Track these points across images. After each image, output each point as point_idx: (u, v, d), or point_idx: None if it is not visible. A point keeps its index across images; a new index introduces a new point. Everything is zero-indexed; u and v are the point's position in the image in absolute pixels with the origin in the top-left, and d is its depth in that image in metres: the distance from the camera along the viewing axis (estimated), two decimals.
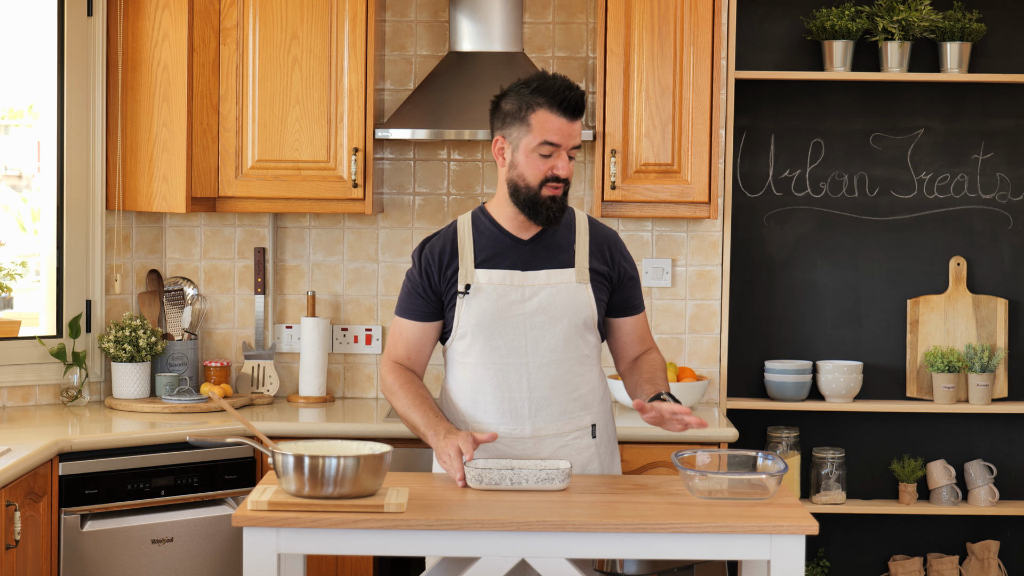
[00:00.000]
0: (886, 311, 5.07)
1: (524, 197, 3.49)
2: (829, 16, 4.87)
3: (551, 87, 3.46)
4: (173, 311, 4.94)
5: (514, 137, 3.49)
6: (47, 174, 4.77)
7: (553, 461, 3.45)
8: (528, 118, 3.46)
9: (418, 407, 3.56)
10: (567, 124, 3.45)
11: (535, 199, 3.48)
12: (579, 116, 3.47)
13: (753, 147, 5.06)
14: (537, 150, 3.46)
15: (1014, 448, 5.10)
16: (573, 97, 3.45)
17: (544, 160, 3.46)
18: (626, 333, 3.69)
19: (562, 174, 3.46)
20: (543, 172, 3.47)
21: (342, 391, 5.06)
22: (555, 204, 3.49)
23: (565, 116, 3.45)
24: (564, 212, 3.54)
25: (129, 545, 4.18)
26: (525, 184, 3.48)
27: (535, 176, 3.47)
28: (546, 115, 3.44)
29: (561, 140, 3.45)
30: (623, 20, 4.65)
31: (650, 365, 3.66)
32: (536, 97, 3.45)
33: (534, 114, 3.45)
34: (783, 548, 3.15)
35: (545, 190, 3.47)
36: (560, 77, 3.49)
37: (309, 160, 4.69)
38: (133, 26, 4.69)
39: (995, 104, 5.04)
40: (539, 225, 3.53)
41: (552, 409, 3.58)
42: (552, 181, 3.47)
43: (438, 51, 4.99)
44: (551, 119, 3.44)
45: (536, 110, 3.45)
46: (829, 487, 4.97)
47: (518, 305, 3.55)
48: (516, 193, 3.51)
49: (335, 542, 3.16)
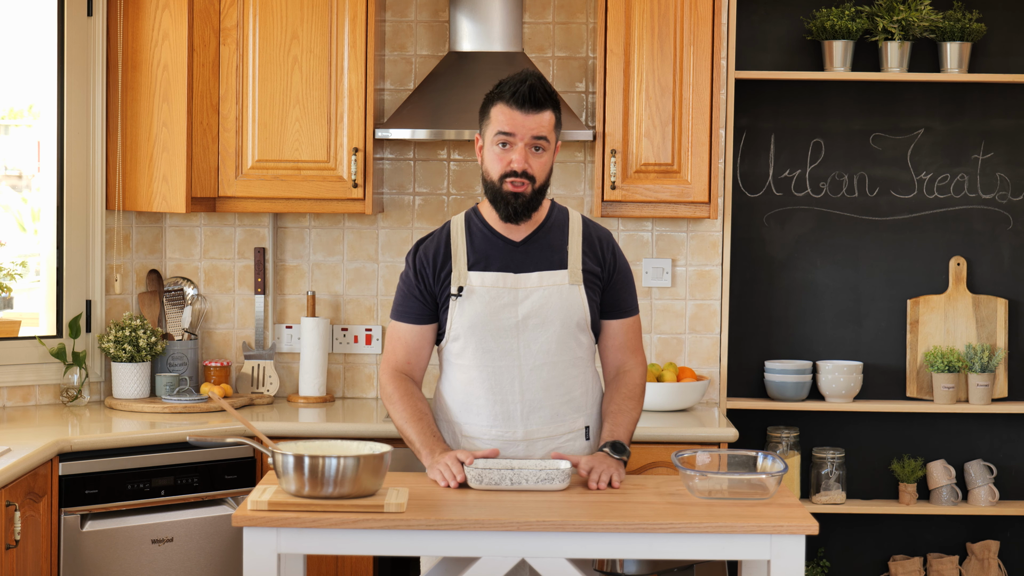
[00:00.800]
0: (886, 311, 5.07)
1: (490, 192, 3.55)
2: (829, 16, 4.87)
3: (508, 81, 3.54)
4: (173, 311, 4.94)
5: (483, 133, 3.57)
6: (47, 174, 4.77)
7: (553, 461, 3.46)
8: (489, 111, 3.54)
9: (416, 422, 3.57)
10: (521, 115, 3.49)
11: (498, 193, 3.53)
12: (535, 108, 3.50)
13: (753, 147, 5.06)
14: (494, 141, 3.52)
15: (1014, 448, 5.10)
16: (523, 88, 3.49)
17: (502, 152, 3.51)
18: (611, 337, 3.67)
19: (516, 167, 3.49)
20: (502, 166, 3.51)
21: (342, 391, 5.06)
22: (517, 200, 3.52)
23: (518, 107, 3.49)
24: (531, 209, 3.55)
25: (129, 545, 4.18)
26: (489, 179, 3.54)
27: (495, 169, 3.52)
28: (501, 107, 3.51)
29: (513, 129, 3.49)
30: (623, 20, 4.65)
31: (624, 393, 3.65)
32: (497, 91, 3.54)
33: (493, 107, 3.53)
34: (783, 548, 3.15)
35: (506, 185, 3.51)
36: (526, 72, 3.54)
37: (309, 160, 4.69)
38: (133, 26, 4.69)
39: (995, 104, 5.04)
40: (503, 220, 3.56)
41: (544, 412, 3.58)
42: (510, 175, 3.50)
43: (438, 51, 4.99)
44: (504, 110, 3.50)
45: (495, 103, 3.53)
46: (829, 487, 4.97)
47: (510, 308, 3.55)
48: (486, 188, 3.56)
49: (335, 542, 3.16)
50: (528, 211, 3.54)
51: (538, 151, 3.52)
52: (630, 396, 3.64)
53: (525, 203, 3.52)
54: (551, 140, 3.54)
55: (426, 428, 3.55)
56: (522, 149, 3.50)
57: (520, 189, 3.51)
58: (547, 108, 3.52)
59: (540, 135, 3.51)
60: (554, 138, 3.55)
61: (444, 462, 3.45)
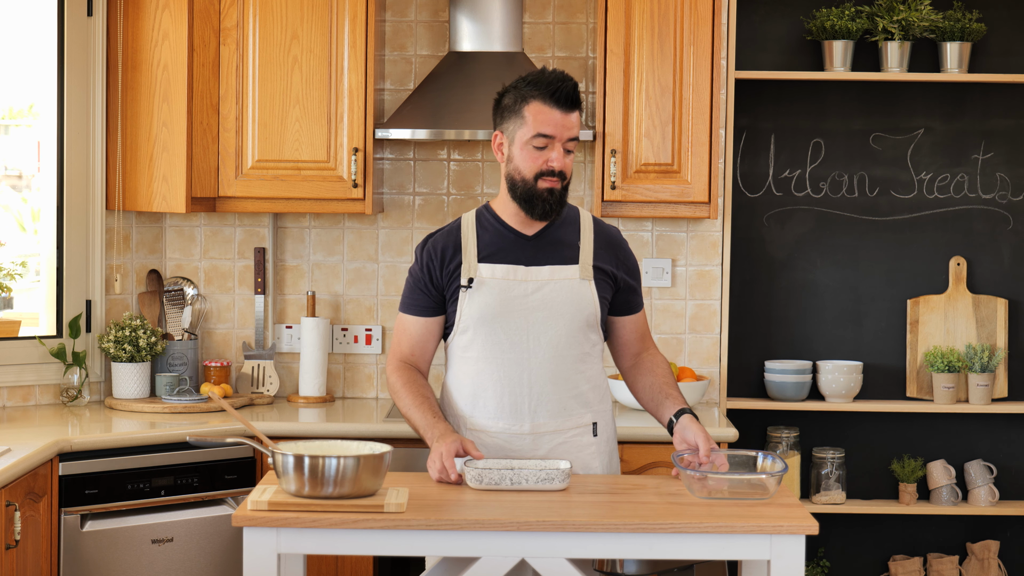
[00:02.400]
0: (886, 311, 5.07)
1: (521, 191, 3.51)
2: (829, 16, 4.87)
3: (544, 79, 3.49)
4: (173, 311, 4.94)
5: (510, 131, 3.51)
6: (47, 174, 4.77)
7: (553, 461, 3.45)
8: (523, 111, 3.48)
9: (419, 407, 3.56)
10: (561, 115, 3.47)
11: (531, 192, 3.49)
12: (574, 108, 3.49)
13: (753, 147, 5.06)
14: (531, 142, 3.47)
15: (1014, 448, 5.10)
16: (566, 88, 3.47)
17: (539, 152, 3.48)
18: (629, 332, 3.70)
19: (556, 166, 3.47)
20: (538, 165, 3.48)
21: (342, 391, 5.06)
22: (552, 197, 3.50)
23: (558, 107, 3.46)
24: (562, 206, 3.54)
25: (129, 545, 4.18)
26: (521, 178, 3.50)
27: (530, 169, 3.49)
28: (539, 107, 3.47)
29: (555, 131, 3.46)
30: (623, 20, 4.65)
31: (663, 370, 3.69)
32: (530, 90, 3.48)
33: (528, 106, 3.48)
34: (783, 548, 3.15)
35: (541, 183, 3.49)
36: (556, 71, 3.51)
37: (309, 160, 4.69)
38: (133, 26, 4.69)
39: (995, 104, 5.04)
40: (535, 219, 3.54)
41: (552, 405, 3.58)
42: (547, 174, 3.48)
43: (438, 51, 4.99)
44: (544, 110, 3.46)
45: (530, 102, 3.48)
46: (829, 487, 4.97)
47: (521, 300, 3.55)
48: (513, 187, 3.52)
49: (335, 542, 3.16)
50: (560, 208, 3.53)
51: (569, 151, 3.52)
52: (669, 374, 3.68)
53: (559, 200, 3.51)
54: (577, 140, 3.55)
55: (428, 411, 3.54)
56: (560, 148, 3.48)
57: (556, 186, 3.50)
58: (578, 108, 3.52)
59: (575, 136, 3.51)
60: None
61: (440, 454, 3.43)
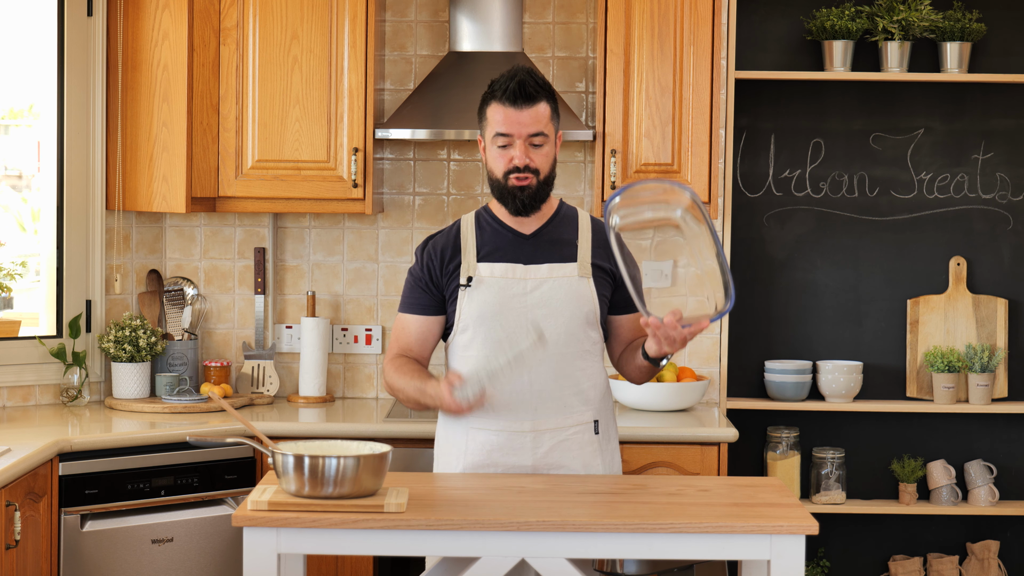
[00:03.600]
0: (886, 311, 5.07)
1: (496, 190, 3.59)
2: (829, 16, 4.87)
3: (499, 79, 3.55)
4: (173, 311, 4.94)
5: (483, 134, 3.60)
6: (47, 174, 4.77)
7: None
8: (485, 113, 3.57)
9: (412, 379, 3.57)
10: (515, 112, 3.51)
11: (504, 190, 3.56)
12: (529, 103, 3.51)
13: (753, 147, 5.06)
14: (494, 142, 3.55)
15: (1014, 448, 5.10)
16: (512, 85, 3.51)
17: (503, 151, 3.54)
18: (627, 330, 3.71)
19: (518, 163, 3.53)
20: (504, 163, 3.55)
21: (342, 391, 5.06)
22: (523, 193, 3.55)
23: (512, 105, 3.51)
24: (540, 201, 3.58)
25: (129, 545, 4.18)
26: (494, 177, 3.58)
27: (499, 168, 3.56)
28: (495, 107, 3.54)
29: (511, 129, 3.52)
30: (623, 20, 4.65)
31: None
32: (489, 92, 3.57)
33: (488, 108, 3.56)
34: (783, 548, 3.15)
35: (511, 180, 3.54)
36: (514, 68, 3.56)
37: (309, 160, 4.69)
38: (133, 26, 4.69)
39: (995, 104, 5.04)
40: (512, 214, 3.59)
41: (553, 403, 3.59)
42: (514, 171, 3.53)
43: (438, 51, 4.99)
44: (499, 110, 3.53)
45: (490, 103, 3.56)
46: (829, 487, 4.97)
47: (520, 298, 3.57)
48: (492, 186, 3.60)
49: (335, 542, 3.16)
50: (536, 203, 3.57)
51: (538, 145, 3.54)
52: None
53: (532, 195, 3.55)
54: (550, 132, 3.55)
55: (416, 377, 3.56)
56: (521, 145, 3.52)
57: (525, 183, 3.54)
58: (540, 100, 3.53)
59: (537, 131, 3.52)
60: (553, 129, 3.56)
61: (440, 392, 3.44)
